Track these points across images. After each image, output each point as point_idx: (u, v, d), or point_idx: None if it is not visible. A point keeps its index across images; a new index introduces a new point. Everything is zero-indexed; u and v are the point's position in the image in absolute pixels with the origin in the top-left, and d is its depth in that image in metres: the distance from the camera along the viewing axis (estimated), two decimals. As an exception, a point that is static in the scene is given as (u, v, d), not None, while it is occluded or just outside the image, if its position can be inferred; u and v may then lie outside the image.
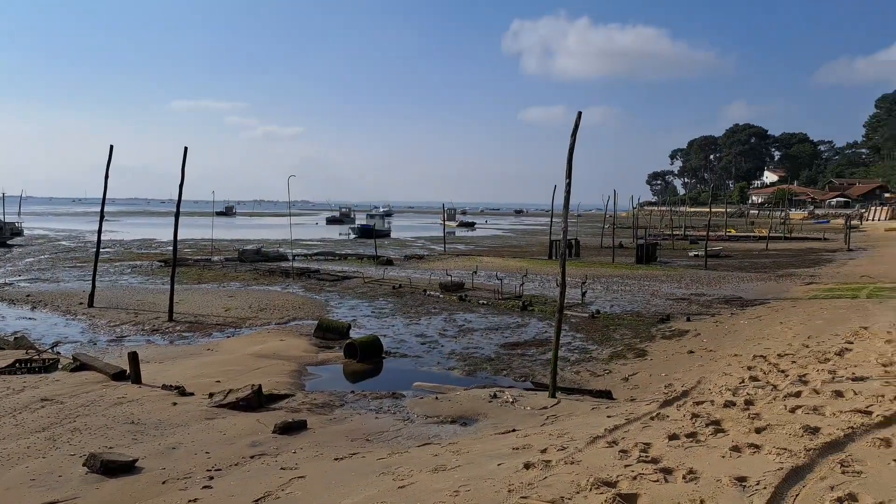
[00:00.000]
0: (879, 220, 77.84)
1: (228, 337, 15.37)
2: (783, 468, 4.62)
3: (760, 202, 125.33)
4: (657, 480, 4.67)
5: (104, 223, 21.82)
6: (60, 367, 11.43)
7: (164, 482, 6.30)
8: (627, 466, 5.08)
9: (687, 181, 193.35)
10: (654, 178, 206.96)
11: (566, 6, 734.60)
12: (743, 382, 8.89)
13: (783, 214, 79.58)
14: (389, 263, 32.42)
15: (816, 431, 5.49)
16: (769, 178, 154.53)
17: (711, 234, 43.74)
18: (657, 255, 36.59)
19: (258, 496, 5.65)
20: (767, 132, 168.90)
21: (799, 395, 7.27)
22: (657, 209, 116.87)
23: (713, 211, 77.31)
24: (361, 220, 79.94)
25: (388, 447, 7.52)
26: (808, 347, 11.09)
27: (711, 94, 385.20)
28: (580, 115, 10.26)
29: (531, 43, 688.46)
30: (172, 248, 18.83)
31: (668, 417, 7.07)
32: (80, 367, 11.19)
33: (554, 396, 9.71)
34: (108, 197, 20.40)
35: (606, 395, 10.25)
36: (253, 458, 7.09)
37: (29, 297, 20.46)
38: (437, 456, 6.55)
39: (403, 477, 5.70)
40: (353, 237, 58.27)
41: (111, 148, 20.00)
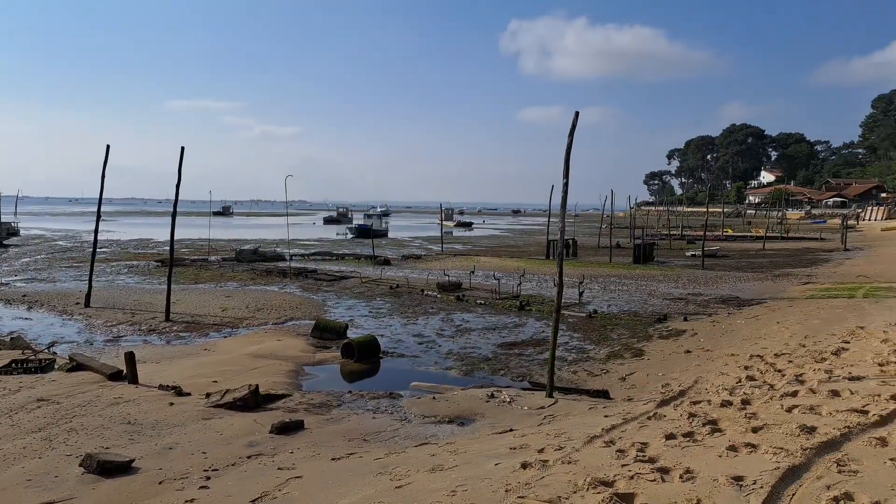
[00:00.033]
0: (876, 219, 77.99)
1: (225, 337, 15.35)
2: (780, 467, 4.63)
3: (757, 202, 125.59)
4: (654, 480, 4.67)
5: (101, 223, 21.79)
6: (57, 367, 11.40)
7: (160, 482, 6.29)
8: (624, 466, 5.09)
9: (684, 181, 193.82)
10: (651, 177, 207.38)
11: (564, 6, 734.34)
12: (740, 382, 8.91)
13: (780, 214, 79.91)
14: (387, 263, 32.41)
15: (813, 431, 5.51)
16: (766, 178, 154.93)
17: (708, 233, 43.76)
18: (654, 254, 36.67)
19: (255, 496, 5.65)
20: (764, 132, 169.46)
21: (795, 394, 7.29)
22: (654, 209, 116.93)
23: (710, 211, 77.37)
24: (359, 219, 79.78)
25: (385, 447, 7.52)
26: (804, 347, 11.12)
27: (709, 94, 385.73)
28: (577, 115, 10.28)
29: (529, 43, 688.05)
30: (169, 247, 18.79)
31: (665, 417, 7.08)
32: (76, 367, 11.17)
33: (551, 396, 9.73)
34: (104, 197, 20.42)
35: (604, 394, 10.26)
36: (250, 458, 7.08)
37: (25, 297, 20.40)
38: (434, 456, 6.55)
39: (401, 477, 5.70)
40: (350, 237, 58.22)
41: (108, 148, 20.00)
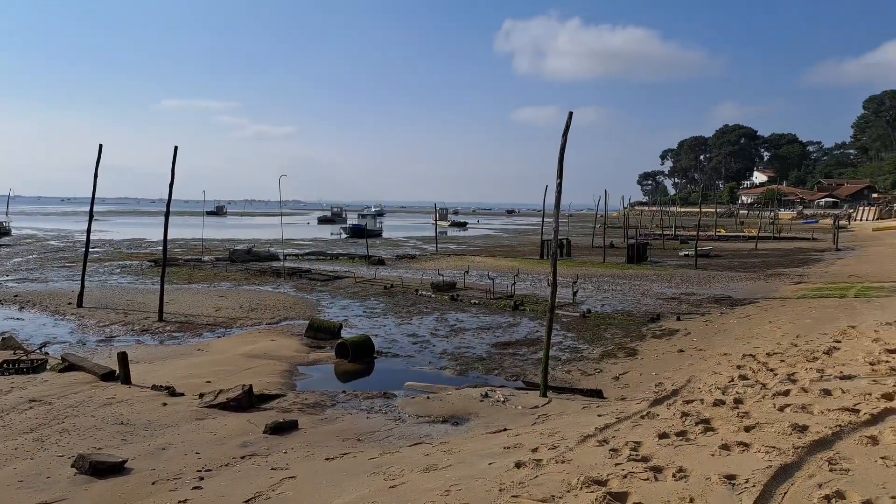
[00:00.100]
0: (867, 220, 78.46)
1: (219, 337, 15.30)
2: (772, 466, 4.66)
3: (750, 202, 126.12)
4: (647, 479, 4.69)
5: (93, 223, 21.68)
6: (49, 367, 11.35)
7: (153, 483, 6.27)
8: (618, 465, 5.10)
9: (677, 181, 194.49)
10: (644, 178, 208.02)
11: (557, 7, 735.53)
12: (732, 381, 8.95)
13: (772, 214, 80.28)
14: (381, 263, 32.38)
15: (805, 429, 5.54)
16: (758, 178, 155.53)
17: (701, 233, 44.02)
18: (648, 254, 36.79)
19: (249, 496, 5.63)
20: (757, 133, 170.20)
21: (788, 393, 7.33)
22: (648, 209, 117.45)
23: (703, 211, 77.85)
24: (353, 219, 79.64)
25: (379, 447, 7.52)
26: (796, 346, 11.18)
27: (702, 94, 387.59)
28: (571, 115, 10.32)
29: (523, 43, 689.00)
30: (162, 247, 18.73)
31: (658, 416, 7.11)
32: (68, 367, 11.12)
33: (545, 395, 9.75)
34: (97, 196, 20.31)
35: (597, 394, 10.28)
36: (243, 458, 7.07)
37: (17, 297, 20.27)
38: (428, 455, 6.55)
39: (395, 477, 5.70)
40: (344, 237, 58.18)
41: (100, 147, 19.93)
